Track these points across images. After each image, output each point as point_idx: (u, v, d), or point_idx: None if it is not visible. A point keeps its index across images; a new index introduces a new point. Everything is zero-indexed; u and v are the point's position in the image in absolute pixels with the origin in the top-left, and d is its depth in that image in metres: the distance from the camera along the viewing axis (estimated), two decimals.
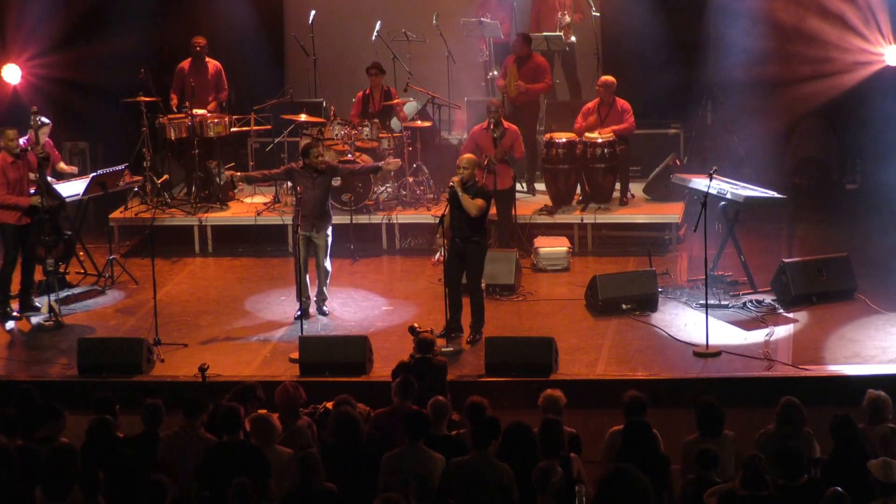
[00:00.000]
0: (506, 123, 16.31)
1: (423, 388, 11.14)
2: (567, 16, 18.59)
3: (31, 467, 9.59)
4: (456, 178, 13.95)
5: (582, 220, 17.14)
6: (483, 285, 14.37)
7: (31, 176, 15.14)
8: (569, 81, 19.22)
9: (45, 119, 15.78)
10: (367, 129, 17.45)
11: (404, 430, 9.96)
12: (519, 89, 17.74)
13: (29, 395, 10.96)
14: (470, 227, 13.96)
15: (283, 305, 15.29)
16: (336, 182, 16.80)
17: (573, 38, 18.70)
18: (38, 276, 15.41)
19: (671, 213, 17.19)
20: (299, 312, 14.56)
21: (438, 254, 14.11)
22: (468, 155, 14.48)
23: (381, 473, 9.75)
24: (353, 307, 15.36)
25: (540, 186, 18.04)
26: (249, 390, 11.02)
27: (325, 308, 14.90)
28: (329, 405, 11.39)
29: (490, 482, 9.38)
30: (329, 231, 14.75)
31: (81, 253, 16.33)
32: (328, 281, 14.92)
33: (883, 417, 10.31)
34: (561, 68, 19.06)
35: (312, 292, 14.88)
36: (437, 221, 14.04)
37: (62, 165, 16.67)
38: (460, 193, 13.85)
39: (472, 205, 13.85)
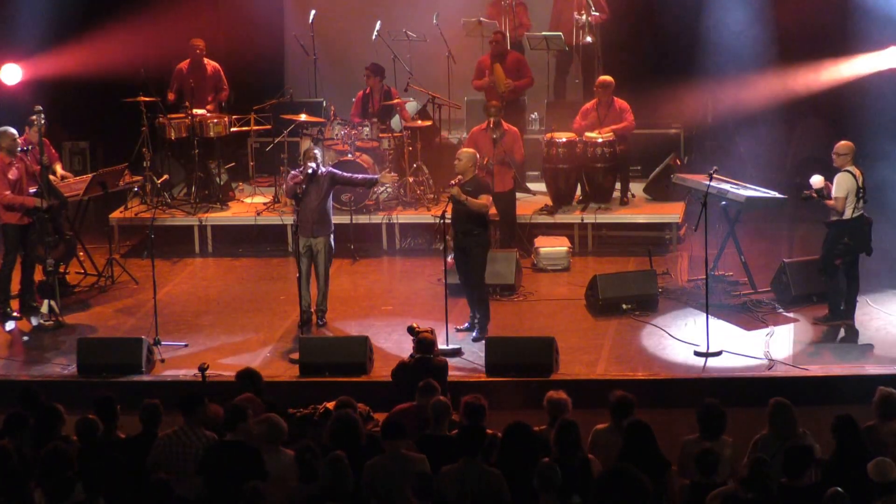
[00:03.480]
0: (505, 125, 16.30)
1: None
2: (583, 16, 18.49)
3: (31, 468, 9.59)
4: (455, 189, 13.91)
5: (582, 220, 17.13)
6: None
7: (30, 176, 15.13)
8: (585, 81, 19.12)
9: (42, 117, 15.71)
10: (367, 129, 17.44)
11: (383, 434, 9.88)
12: (509, 87, 17.71)
13: (35, 395, 10.93)
14: (470, 221, 13.96)
15: (282, 305, 15.27)
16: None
17: (589, 39, 18.59)
18: (39, 276, 15.41)
19: (671, 213, 17.18)
20: (302, 322, 14.41)
21: (451, 255, 14.15)
22: (466, 149, 14.49)
23: (363, 479, 9.63)
24: (353, 307, 15.35)
25: (540, 186, 18.02)
26: (246, 374, 11.05)
27: (321, 321, 14.66)
28: (329, 405, 11.37)
29: (480, 489, 9.33)
30: (330, 238, 14.51)
31: (81, 253, 16.32)
32: (328, 291, 14.66)
33: (894, 414, 10.30)
34: (580, 68, 18.98)
35: (313, 302, 14.67)
36: (438, 220, 14.10)
37: (58, 167, 16.60)
38: (464, 199, 13.85)
39: (480, 204, 13.88)
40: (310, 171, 14.29)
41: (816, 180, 14.12)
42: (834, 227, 13.95)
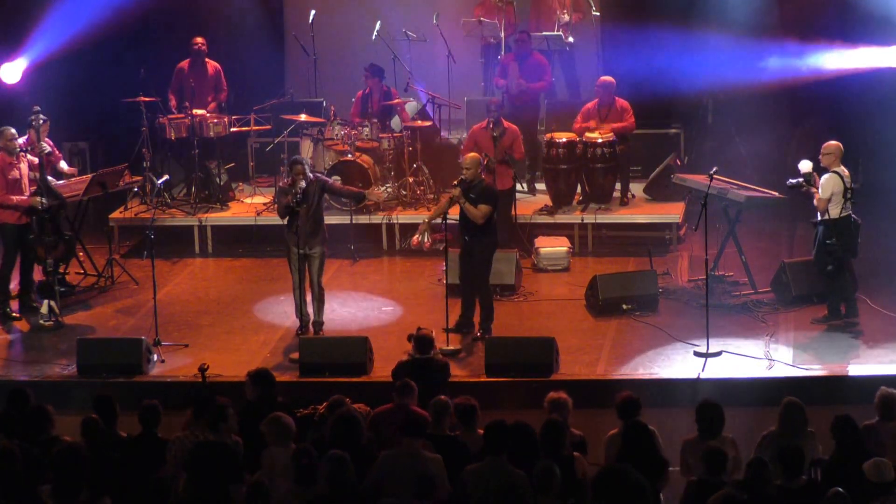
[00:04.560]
0: (505, 123, 16.31)
1: (424, 388, 11.07)
2: (566, 15, 18.58)
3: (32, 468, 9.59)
4: (457, 191, 13.90)
5: (582, 220, 17.13)
6: None
7: (31, 175, 15.14)
8: (567, 81, 19.22)
9: (43, 117, 15.72)
10: (366, 129, 17.43)
11: (403, 430, 9.91)
12: (520, 87, 17.73)
13: (24, 396, 10.91)
14: (476, 224, 13.95)
15: (282, 305, 15.26)
16: (337, 182, 16.86)
17: (571, 39, 18.68)
18: (39, 276, 15.42)
19: (671, 213, 17.19)
20: (300, 330, 14.30)
21: (420, 236, 14.14)
22: (472, 154, 14.48)
23: (372, 470, 9.65)
24: (353, 307, 15.35)
25: (540, 186, 18.04)
26: (259, 376, 11.08)
27: (318, 333, 14.40)
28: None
29: (503, 488, 9.30)
30: (323, 246, 14.25)
31: (81, 253, 16.32)
32: (323, 301, 14.38)
33: (894, 414, 10.31)
34: (559, 68, 19.07)
35: (310, 309, 14.40)
36: (440, 221, 14.15)
37: (63, 165, 16.66)
38: (464, 204, 13.86)
39: (477, 213, 13.86)
40: (299, 196, 13.94)
41: (805, 165, 14.15)
42: (821, 227, 13.97)
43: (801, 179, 14.13)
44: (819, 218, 13.98)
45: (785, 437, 9.99)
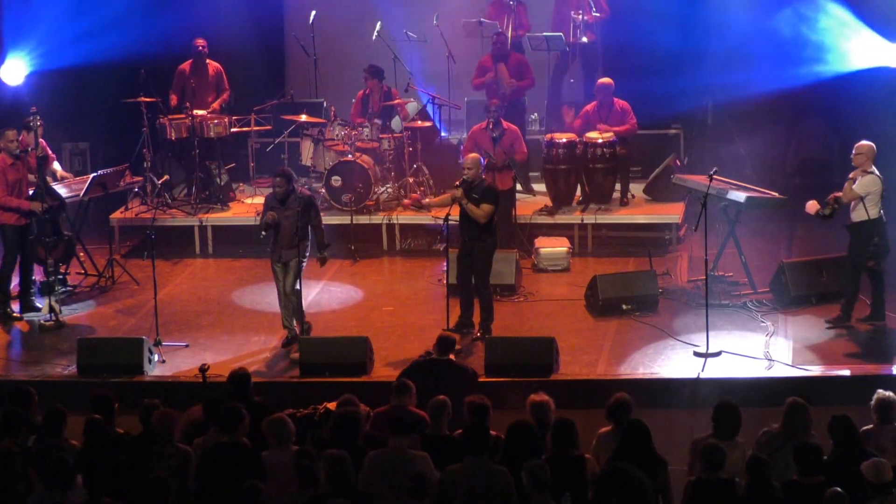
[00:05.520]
0: (505, 124, 16.32)
1: (434, 391, 11.00)
2: (579, 16, 18.50)
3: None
4: (459, 192, 13.90)
5: (582, 220, 17.14)
6: None
7: (30, 177, 15.17)
8: (585, 82, 19.10)
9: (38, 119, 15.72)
10: (367, 130, 17.45)
11: (391, 429, 9.88)
12: (512, 87, 17.74)
13: (29, 396, 10.92)
14: (477, 225, 13.96)
15: None
16: (337, 182, 16.90)
17: (584, 39, 18.61)
18: (39, 276, 15.43)
19: (671, 213, 17.20)
20: (287, 339, 14.14)
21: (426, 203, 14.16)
22: (473, 154, 14.47)
23: (363, 472, 9.65)
24: (354, 307, 15.36)
25: (540, 187, 18.04)
26: (233, 378, 11.08)
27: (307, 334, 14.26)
28: (330, 406, 11.36)
29: (489, 487, 9.32)
30: (301, 256, 13.85)
31: (82, 253, 16.34)
32: (302, 310, 14.07)
33: (892, 417, 10.32)
34: (580, 69, 19.00)
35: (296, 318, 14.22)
36: (441, 221, 14.10)
37: (56, 166, 16.63)
38: (465, 205, 13.86)
39: (480, 213, 13.86)
40: (264, 227, 13.82)
41: (811, 207, 14.16)
42: (862, 229, 13.86)
43: (829, 204, 14.05)
44: (853, 220, 13.91)
45: (787, 436, 9.99)
